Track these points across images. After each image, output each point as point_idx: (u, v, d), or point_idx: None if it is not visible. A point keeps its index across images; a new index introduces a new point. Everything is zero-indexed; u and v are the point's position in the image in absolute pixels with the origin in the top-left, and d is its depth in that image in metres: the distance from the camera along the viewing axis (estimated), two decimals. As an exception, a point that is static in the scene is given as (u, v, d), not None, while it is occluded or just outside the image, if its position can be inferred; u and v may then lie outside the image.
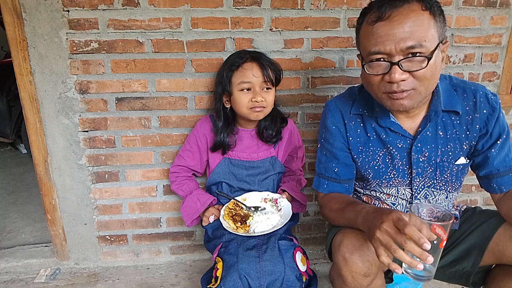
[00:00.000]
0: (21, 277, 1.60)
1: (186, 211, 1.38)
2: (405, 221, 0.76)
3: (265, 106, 1.28)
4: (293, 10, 1.42)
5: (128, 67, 1.42)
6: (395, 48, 0.85)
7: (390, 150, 1.06)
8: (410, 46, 0.84)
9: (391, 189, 1.12)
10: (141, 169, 1.56)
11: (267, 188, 1.41)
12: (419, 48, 0.84)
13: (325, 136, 1.13)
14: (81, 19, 1.35)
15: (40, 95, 1.41)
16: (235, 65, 1.27)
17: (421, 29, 0.84)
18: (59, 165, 1.51)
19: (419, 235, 0.73)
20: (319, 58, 1.49)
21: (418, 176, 1.07)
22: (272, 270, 1.10)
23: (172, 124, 1.51)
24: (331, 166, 1.12)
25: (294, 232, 1.74)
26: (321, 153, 1.16)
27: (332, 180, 1.13)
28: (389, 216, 0.79)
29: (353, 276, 0.93)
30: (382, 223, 0.79)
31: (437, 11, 0.87)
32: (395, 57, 0.86)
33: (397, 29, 0.84)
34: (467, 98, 1.01)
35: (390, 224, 0.78)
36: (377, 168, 1.09)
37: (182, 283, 1.58)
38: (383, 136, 1.06)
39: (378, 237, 0.79)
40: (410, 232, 0.74)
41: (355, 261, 0.92)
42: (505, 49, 1.58)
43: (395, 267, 0.78)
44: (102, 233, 1.64)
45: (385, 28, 0.86)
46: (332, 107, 1.11)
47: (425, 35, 0.84)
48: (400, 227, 0.76)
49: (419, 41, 0.84)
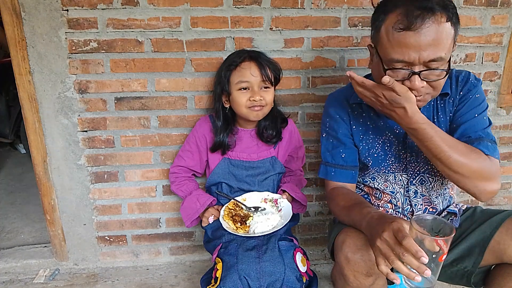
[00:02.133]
0: (20, 277, 1.60)
1: (185, 212, 1.38)
2: (404, 233, 0.75)
3: (264, 105, 1.27)
4: (293, 9, 1.41)
5: (127, 66, 1.41)
6: (418, 59, 0.88)
7: (388, 136, 1.11)
8: (432, 59, 0.87)
9: (389, 175, 1.15)
10: (141, 169, 1.56)
11: (267, 188, 1.41)
12: (440, 62, 0.88)
13: (329, 124, 1.16)
14: (80, 18, 1.34)
15: (39, 94, 1.41)
16: (233, 64, 1.27)
17: (443, 42, 0.87)
18: (58, 165, 1.50)
19: (417, 249, 0.72)
20: (320, 58, 1.49)
21: (413, 161, 1.11)
22: (272, 271, 1.09)
23: (172, 124, 1.51)
24: (338, 152, 1.14)
25: (294, 232, 1.73)
26: (326, 141, 1.18)
27: (339, 167, 1.14)
28: (390, 225, 0.78)
29: (355, 276, 0.94)
30: (383, 232, 0.79)
31: (455, 19, 0.89)
32: (416, 67, 0.89)
33: (423, 41, 0.86)
34: (453, 80, 1.06)
35: (390, 234, 0.78)
36: (376, 156, 1.13)
37: (181, 284, 1.57)
38: (381, 123, 1.11)
39: (378, 245, 0.79)
40: (407, 245, 0.73)
41: (358, 261, 0.92)
42: (506, 49, 1.58)
43: (394, 277, 0.79)
44: (101, 233, 1.63)
45: (411, 40, 0.86)
46: (335, 97, 1.18)
47: (446, 47, 0.88)
48: (399, 239, 0.75)
49: (440, 54, 0.87)
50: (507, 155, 1.77)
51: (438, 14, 0.86)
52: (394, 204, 1.17)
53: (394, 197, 1.16)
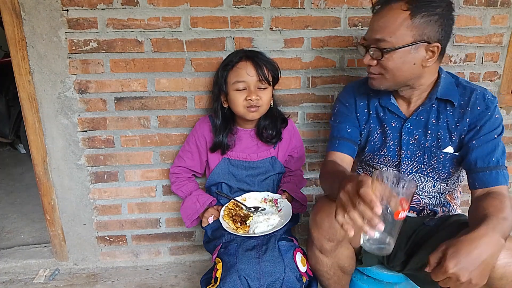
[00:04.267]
0: (20, 277, 1.60)
1: (185, 212, 1.38)
2: (364, 183, 0.74)
3: (260, 105, 1.27)
4: (293, 9, 1.41)
5: (127, 66, 1.41)
6: (369, 37, 1.01)
7: (385, 128, 1.15)
8: (376, 38, 0.98)
9: (381, 166, 1.19)
10: (140, 169, 1.55)
11: (267, 188, 1.41)
12: (382, 42, 0.97)
13: (338, 109, 1.23)
14: (80, 18, 1.34)
15: (39, 94, 1.40)
16: (229, 64, 1.27)
17: (391, 27, 0.95)
18: (58, 165, 1.50)
19: (371, 198, 0.71)
20: (320, 58, 1.49)
21: (407, 159, 1.14)
22: (272, 271, 1.09)
23: (172, 124, 1.51)
24: (345, 127, 1.19)
25: (294, 232, 1.73)
26: (333, 122, 1.23)
27: (344, 140, 1.17)
28: (355, 177, 0.79)
29: (319, 238, 1.04)
30: (348, 183, 0.79)
31: (425, 13, 0.93)
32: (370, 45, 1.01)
33: (375, 22, 0.99)
34: (464, 94, 1.06)
35: (353, 185, 0.77)
36: (372, 144, 1.19)
37: (181, 284, 1.57)
38: (381, 114, 1.16)
39: (340, 196, 0.80)
40: (363, 193, 0.73)
41: (324, 224, 1.01)
42: (506, 49, 1.58)
43: (347, 227, 0.77)
44: (101, 233, 1.63)
45: (372, 20, 1.02)
46: (348, 87, 1.24)
47: (393, 31, 0.95)
48: (358, 188, 0.75)
49: (384, 36, 0.96)
50: (507, 155, 1.77)
51: (399, 3, 0.95)
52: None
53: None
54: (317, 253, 1.10)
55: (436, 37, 0.96)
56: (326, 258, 1.10)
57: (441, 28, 0.95)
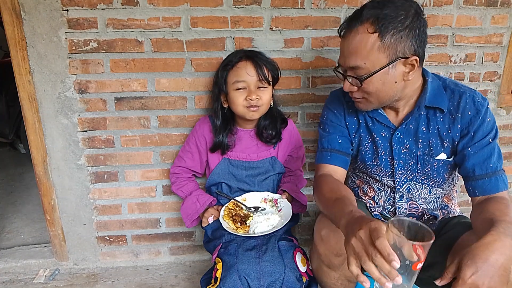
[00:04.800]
0: (20, 277, 1.60)
1: (185, 212, 1.38)
2: (379, 233, 0.70)
3: (260, 105, 1.27)
4: (293, 9, 1.41)
5: (127, 66, 1.41)
6: (343, 64, 0.99)
7: (375, 138, 1.13)
8: (351, 66, 0.96)
9: (376, 176, 1.17)
10: (141, 169, 1.55)
11: (267, 188, 1.41)
12: (358, 70, 0.95)
13: (327, 116, 1.19)
14: (80, 18, 1.34)
15: (39, 94, 1.40)
16: (229, 64, 1.27)
17: (362, 52, 0.92)
18: (58, 165, 1.50)
19: (389, 252, 0.67)
20: (320, 58, 1.49)
21: (400, 169, 1.12)
22: (272, 271, 1.09)
23: (172, 124, 1.51)
24: (335, 138, 1.16)
25: (294, 232, 1.73)
26: (323, 131, 1.20)
27: (336, 152, 1.14)
28: (368, 224, 0.74)
29: (326, 254, 1.02)
30: (359, 230, 0.74)
31: (394, 31, 0.90)
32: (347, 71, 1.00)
33: (345, 48, 0.97)
34: (453, 99, 1.04)
35: (366, 233, 0.72)
36: (364, 153, 1.17)
37: (181, 284, 1.57)
38: (370, 124, 1.13)
39: (352, 244, 0.74)
40: (380, 246, 0.68)
41: (330, 239, 1.00)
42: (506, 49, 1.58)
43: (363, 279, 0.74)
44: (101, 233, 1.63)
45: (342, 45, 0.99)
46: (335, 94, 1.21)
47: (366, 57, 0.92)
48: (374, 238, 0.70)
49: (358, 63, 0.94)
50: (507, 155, 1.77)
51: (365, 25, 0.91)
52: (376, 202, 1.19)
53: (378, 195, 1.19)
54: (324, 268, 1.08)
55: (412, 50, 0.92)
56: (334, 272, 1.08)
57: (414, 39, 0.91)
